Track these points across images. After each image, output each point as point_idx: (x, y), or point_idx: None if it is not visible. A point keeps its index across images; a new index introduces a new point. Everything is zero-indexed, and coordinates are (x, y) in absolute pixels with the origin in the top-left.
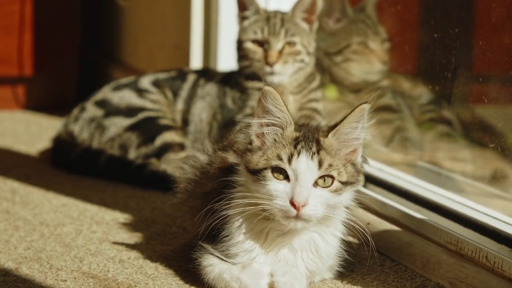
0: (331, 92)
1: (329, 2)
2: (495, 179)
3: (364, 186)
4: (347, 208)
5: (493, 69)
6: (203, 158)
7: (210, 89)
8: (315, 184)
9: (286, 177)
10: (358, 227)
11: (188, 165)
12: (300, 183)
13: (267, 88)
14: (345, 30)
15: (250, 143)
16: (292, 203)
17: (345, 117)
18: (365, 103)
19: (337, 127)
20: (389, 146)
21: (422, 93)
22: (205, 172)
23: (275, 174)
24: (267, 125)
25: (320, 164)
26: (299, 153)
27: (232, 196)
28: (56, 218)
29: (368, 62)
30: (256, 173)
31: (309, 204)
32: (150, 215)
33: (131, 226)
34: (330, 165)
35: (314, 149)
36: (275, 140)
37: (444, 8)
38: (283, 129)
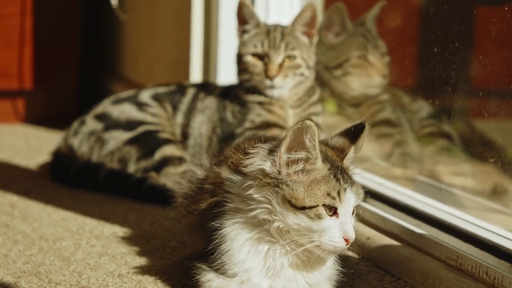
0: (331, 106)
1: (328, 16)
2: (495, 193)
3: (364, 200)
4: None
5: (493, 84)
6: (200, 173)
7: (209, 102)
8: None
9: (335, 213)
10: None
11: (186, 180)
12: (350, 219)
13: (309, 123)
14: (344, 44)
15: (279, 172)
16: (345, 239)
17: (358, 141)
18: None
19: (348, 153)
20: (389, 160)
21: (422, 107)
22: (201, 188)
23: (326, 211)
24: (298, 159)
25: (358, 194)
26: (345, 189)
27: (228, 215)
28: (55, 232)
29: (368, 76)
30: (304, 209)
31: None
32: (150, 229)
33: (130, 240)
34: (361, 193)
35: (349, 181)
36: (307, 171)
37: (444, 22)
38: (313, 162)
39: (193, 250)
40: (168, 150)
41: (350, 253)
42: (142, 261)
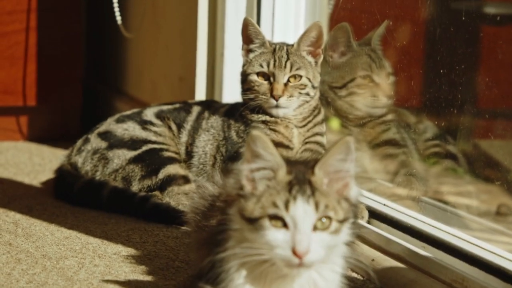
0: (335, 124)
1: (334, 36)
2: (501, 215)
3: (368, 222)
4: (350, 244)
5: (499, 105)
6: (212, 189)
7: (214, 121)
8: (314, 228)
9: (285, 225)
10: (359, 262)
11: (198, 195)
12: (299, 230)
13: (255, 133)
14: (349, 64)
15: (241, 188)
16: (294, 252)
17: (329, 151)
18: (349, 135)
19: (322, 161)
20: (394, 181)
21: (427, 127)
22: (213, 205)
23: (272, 222)
24: (258, 170)
25: (317, 206)
26: (295, 198)
27: (228, 238)
28: (59, 251)
29: (373, 96)
30: (252, 222)
31: (311, 251)
32: (153, 249)
33: (133, 260)
34: (326, 206)
35: (308, 191)
36: (267, 185)
37: (450, 43)
38: (274, 172)
39: (197, 269)
40: (172, 169)
41: (355, 275)
42: (145, 281)
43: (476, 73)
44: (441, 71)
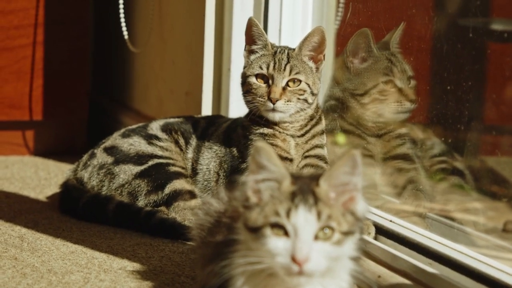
0: (341, 138)
1: (354, 42)
2: (507, 232)
3: (375, 238)
4: (356, 259)
5: (506, 121)
6: (217, 205)
7: (216, 138)
8: (316, 237)
9: (286, 233)
10: (365, 278)
11: (202, 211)
12: (300, 238)
13: (259, 144)
14: (371, 69)
15: (247, 200)
16: (293, 259)
17: (335, 164)
18: (355, 149)
19: (328, 174)
20: (401, 196)
21: (434, 143)
22: (219, 221)
23: (274, 231)
24: (263, 181)
25: (319, 215)
26: (297, 207)
27: (234, 253)
28: (64, 265)
29: (396, 102)
30: (255, 231)
31: (311, 259)
32: (159, 264)
33: (139, 275)
34: (329, 216)
35: (311, 201)
36: (271, 195)
37: (457, 60)
38: (279, 183)
39: (203, 285)
40: (178, 184)
41: None
42: None
43: (483, 90)
44: (448, 87)
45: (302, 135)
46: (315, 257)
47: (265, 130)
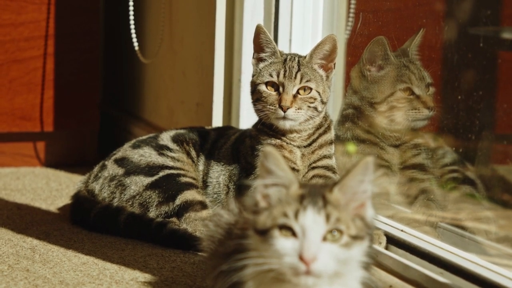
0: (351, 148)
1: (371, 50)
2: None
3: (386, 248)
4: (366, 268)
5: None
6: (227, 217)
7: (225, 152)
8: (324, 239)
9: (294, 234)
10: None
11: (213, 223)
12: (308, 238)
13: (267, 149)
14: (388, 77)
15: (256, 204)
16: (301, 258)
17: (349, 171)
18: (369, 156)
19: (343, 182)
20: (412, 205)
21: (446, 153)
22: (229, 232)
23: (282, 232)
24: (271, 186)
25: (328, 218)
26: (305, 208)
27: (245, 260)
28: (76, 277)
29: (414, 109)
30: (264, 233)
31: (319, 259)
32: (170, 275)
33: (151, 286)
34: (338, 219)
35: (320, 203)
36: (280, 199)
37: (468, 69)
38: (287, 188)
39: None
40: (189, 195)
41: None
42: None
43: (494, 99)
44: (459, 96)
45: (309, 145)
46: (322, 257)
47: (273, 141)
